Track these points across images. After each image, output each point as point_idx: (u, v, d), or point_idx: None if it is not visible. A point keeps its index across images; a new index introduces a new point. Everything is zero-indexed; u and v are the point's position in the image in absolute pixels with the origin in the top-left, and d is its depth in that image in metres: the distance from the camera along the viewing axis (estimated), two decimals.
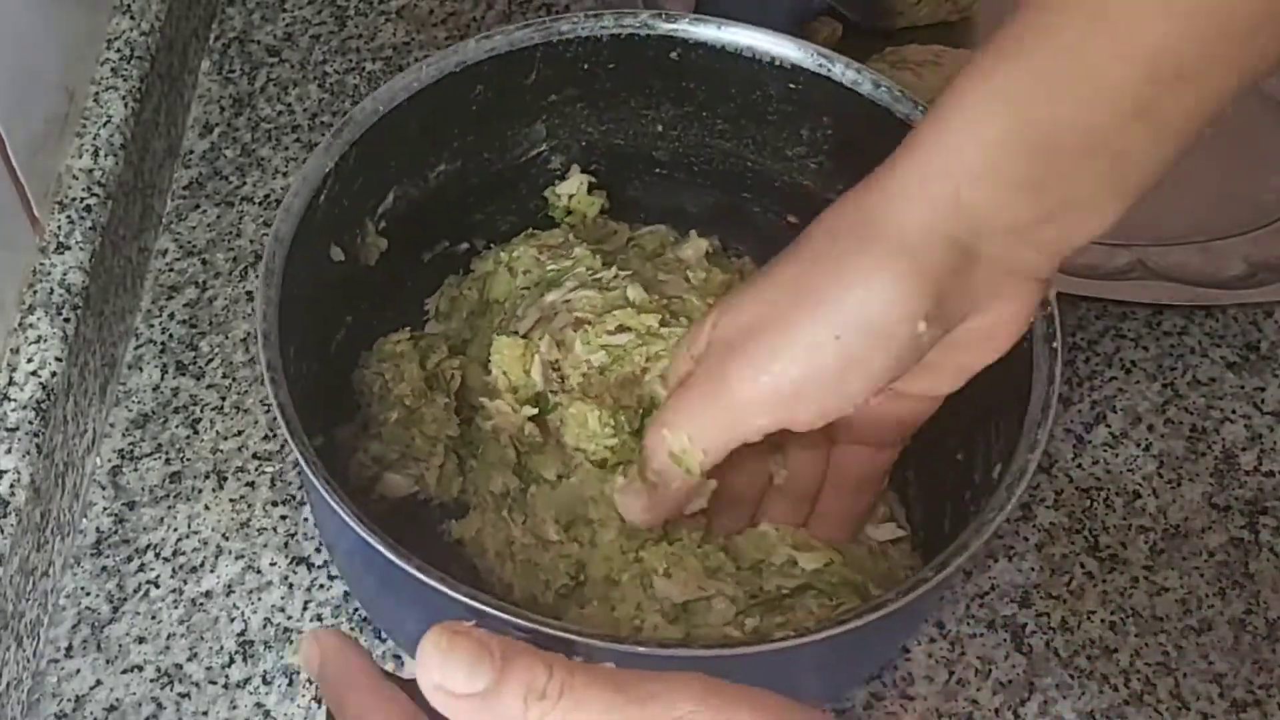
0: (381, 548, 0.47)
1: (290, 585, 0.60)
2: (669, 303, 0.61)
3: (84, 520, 0.62)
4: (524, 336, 0.59)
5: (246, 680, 0.58)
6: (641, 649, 0.46)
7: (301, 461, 0.49)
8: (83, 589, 0.60)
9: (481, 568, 0.57)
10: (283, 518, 0.62)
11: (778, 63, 0.60)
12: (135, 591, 0.60)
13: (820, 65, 0.60)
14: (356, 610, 0.59)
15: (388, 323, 0.62)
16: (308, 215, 0.54)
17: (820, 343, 0.43)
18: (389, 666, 0.58)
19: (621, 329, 0.58)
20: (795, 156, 0.64)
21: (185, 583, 0.60)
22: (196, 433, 0.65)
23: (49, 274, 0.61)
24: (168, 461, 0.64)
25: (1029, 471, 0.49)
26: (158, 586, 0.60)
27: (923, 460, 0.59)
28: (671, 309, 0.60)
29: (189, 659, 0.58)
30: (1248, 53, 0.40)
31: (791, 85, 0.61)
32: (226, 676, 0.58)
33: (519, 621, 0.46)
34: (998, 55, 0.42)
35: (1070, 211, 0.42)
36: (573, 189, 0.66)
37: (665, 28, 0.60)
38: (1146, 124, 0.40)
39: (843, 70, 0.60)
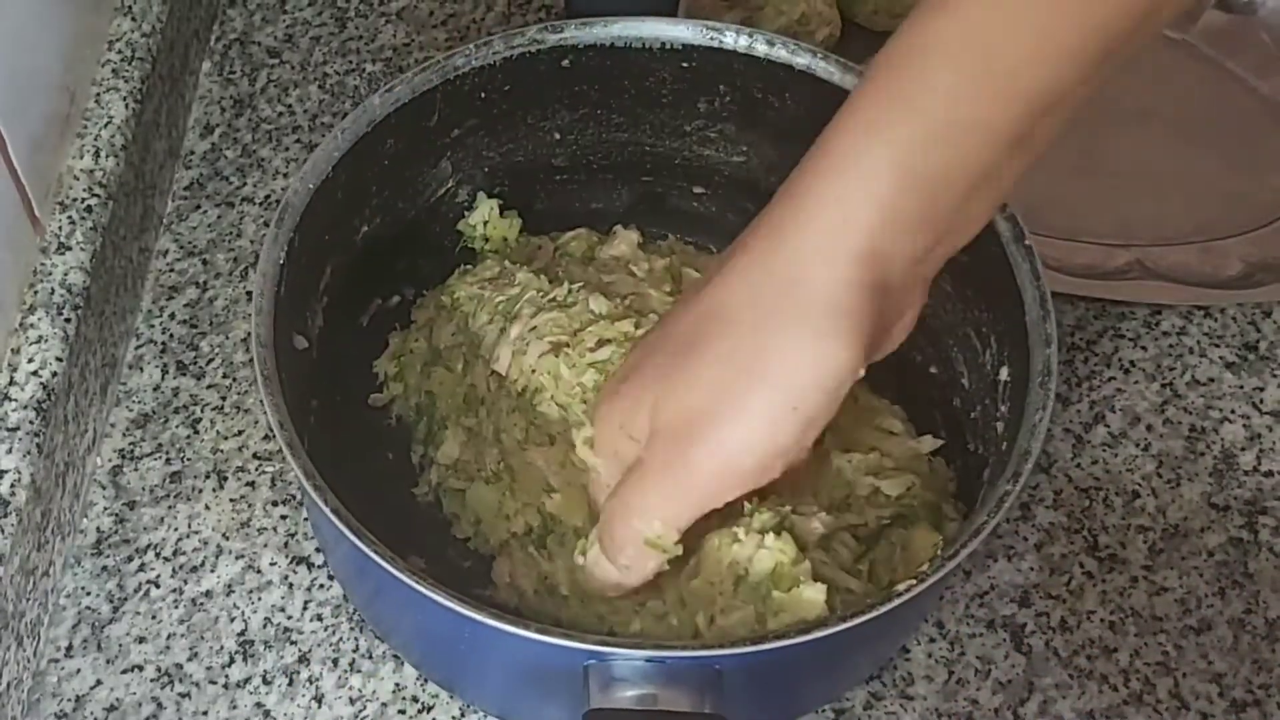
0: (374, 554, 0.47)
1: (290, 585, 0.60)
2: (630, 301, 0.60)
3: (84, 520, 0.62)
4: (504, 375, 0.59)
5: (246, 680, 0.58)
6: (649, 651, 0.46)
7: (293, 463, 0.49)
8: (83, 589, 0.60)
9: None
10: (283, 518, 0.62)
11: (668, 46, 0.61)
12: (135, 591, 0.60)
13: (711, 38, 0.61)
14: (356, 611, 0.59)
15: (348, 398, 0.61)
16: (277, 310, 0.53)
17: (780, 417, 0.46)
18: (388, 667, 0.58)
19: (602, 343, 0.58)
20: (694, 130, 0.65)
21: (185, 583, 0.60)
22: (197, 433, 0.65)
23: (50, 274, 0.62)
24: (168, 461, 0.64)
25: (1054, 370, 0.51)
26: (158, 586, 0.60)
27: (900, 380, 0.61)
28: (635, 308, 0.60)
29: (189, 659, 0.58)
30: (1109, 69, 0.44)
31: (685, 64, 0.62)
32: (226, 676, 0.58)
33: (514, 630, 0.46)
34: (883, 106, 0.44)
35: (956, 232, 0.46)
36: (484, 215, 0.66)
37: (554, 39, 0.61)
38: (1022, 151, 0.44)
39: (735, 38, 0.60)
